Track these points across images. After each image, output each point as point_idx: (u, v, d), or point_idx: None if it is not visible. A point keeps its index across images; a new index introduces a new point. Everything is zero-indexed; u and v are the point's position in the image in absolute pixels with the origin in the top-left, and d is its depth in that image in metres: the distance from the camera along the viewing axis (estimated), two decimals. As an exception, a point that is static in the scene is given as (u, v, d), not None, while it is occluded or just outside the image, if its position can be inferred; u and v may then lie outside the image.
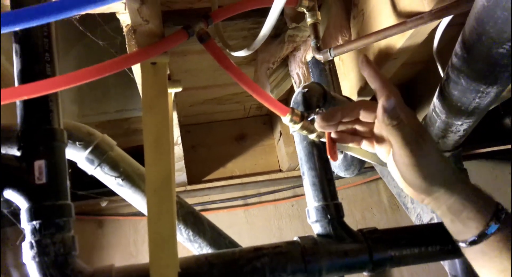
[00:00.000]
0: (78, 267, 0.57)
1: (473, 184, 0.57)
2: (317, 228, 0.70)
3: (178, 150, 1.33)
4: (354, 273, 0.68)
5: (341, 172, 0.98)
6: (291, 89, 1.27)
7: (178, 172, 1.51)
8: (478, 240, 0.53)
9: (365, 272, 0.69)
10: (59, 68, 0.63)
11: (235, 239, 0.94)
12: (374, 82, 0.56)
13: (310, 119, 0.67)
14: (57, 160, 0.58)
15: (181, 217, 0.84)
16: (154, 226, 0.60)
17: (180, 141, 1.28)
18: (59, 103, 0.61)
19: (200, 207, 1.79)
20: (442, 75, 0.66)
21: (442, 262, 0.89)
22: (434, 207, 0.57)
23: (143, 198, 0.82)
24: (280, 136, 1.74)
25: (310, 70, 1.03)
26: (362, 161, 0.90)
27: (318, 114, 0.64)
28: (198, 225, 0.87)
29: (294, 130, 0.69)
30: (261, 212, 1.87)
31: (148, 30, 0.65)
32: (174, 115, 1.09)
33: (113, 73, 0.55)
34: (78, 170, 0.80)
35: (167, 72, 0.68)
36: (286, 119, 0.67)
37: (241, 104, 1.68)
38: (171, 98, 0.76)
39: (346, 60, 1.07)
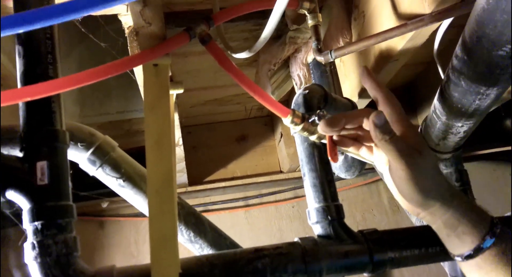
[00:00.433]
0: (80, 268, 0.58)
1: (468, 199, 0.58)
2: (317, 229, 0.70)
3: (179, 151, 1.33)
4: (354, 274, 0.68)
5: (341, 174, 0.98)
6: (292, 90, 1.28)
7: (179, 173, 1.51)
8: (474, 255, 0.53)
9: (365, 273, 0.69)
10: (61, 69, 0.63)
11: (236, 240, 0.94)
12: (376, 95, 0.57)
13: (311, 121, 0.67)
14: (59, 161, 0.59)
15: (182, 218, 0.85)
16: (155, 227, 0.60)
17: (181, 142, 1.28)
18: (61, 105, 0.61)
19: (201, 208, 1.79)
20: (442, 77, 0.66)
21: (442, 263, 0.89)
22: (430, 222, 0.57)
23: (144, 199, 0.82)
24: (281, 137, 1.74)
25: (311, 71, 1.03)
26: (363, 162, 0.90)
27: (319, 116, 0.65)
28: (199, 226, 0.87)
29: (295, 131, 0.70)
30: (262, 213, 1.87)
31: (150, 32, 0.66)
32: (176, 116, 1.09)
33: (115, 75, 0.55)
34: (80, 171, 0.80)
35: (169, 73, 0.69)
36: (287, 121, 0.67)
37: (242, 105, 1.68)
38: (173, 99, 0.76)
39: (347, 61, 1.07)
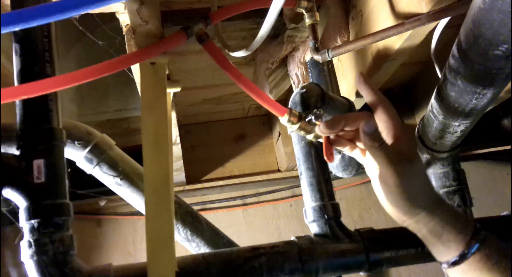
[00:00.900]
0: (76, 266, 0.58)
1: (451, 207, 0.59)
2: (314, 228, 0.70)
3: (177, 150, 1.33)
4: (350, 273, 0.68)
5: (339, 173, 0.98)
6: (290, 89, 1.28)
7: (177, 172, 1.51)
8: (459, 261, 0.54)
9: (361, 272, 0.69)
10: (59, 67, 0.63)
11: (234, 239, 0.94)
12: (372, 101, 0.58)
13: (307, 120, 0.67)
14: (56, 159, 0.59)
15: (179, 216, 0.85)
16: (152, 225, 0.60)
17: (179, 140, 1.28)
18: (59, 103, 0.61)
19: (198, 207, 1.79)
20: (439, 76, 0.67)
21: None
22: (415, 230, 0.58)
23: (142, 198, 0.82)
24: (279, 136, 1.74)
25: (309, 70, 1.03)
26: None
27: (316, 115, 0.65)
28: (196, 224, 0.87)
29: (292, 130, 0.70)
30: (259, 212, 1.87)
31: (147, 30, 0.66)
32: (173, 115, 1.09)
33: (112, 73, 0.55)
34: (77, 169, 0.80)
35: (166, 72, 0.69)
36: (284, 120, 0.67)
37: (240, 104, 1.68)
38: (170, 98, 0.76)
39: (345, 61, 1.07)
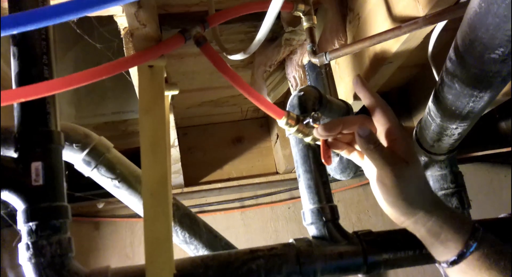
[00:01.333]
0: (74, 269, 0.58)
1: (449, 207, 0.59)
2: (312, 230, 0.70)
3: (175, 152, 1.33)
4: (349, 275, 0.68)
5: (337, 175, 0.98)
6: (288, 92, 1.28)
7: (175, 174, 1.51)
8: (458, 260, 0.54)
9: (359, 274, 0.69)
10: (57, 70, 0.63)
11: (232, 241, 0.94)
12: (370, 104, 0.59)
13: (305, 123, 0.67)
14: (54, 162, 0.59)
15: (177, 219, 0.85)
16: (150, 228, 0.60)
17: (177, 143, 1.28)
18: (56, 105, 0.61)
19: (197, 209, 1.79)
20: (437, 79, 0.67)
21: (437, 264, 0.90)
22: (414, 230, 0.58)
23: (140, 200, 0.82)
24: (277, 138, 1.75)
25: (307, 73, 1.03)
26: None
27: (314, 118, 0.65)
28: (194, 227, 0.87)
29: (289, 133, 0.70)
30: (257, 214, 1.87)
31: (145, 34, 0.66)
32: (171, 118, 1.09)
33: (110, 76, 0.55)
34: (75, 172, 0.80)
35: (164, 75, 0.69)
36: (281, 122, 0.67)
37: (238, 106, 1.68)
38: (168, 100, 0.77)
39: (342, 64, 1.08)
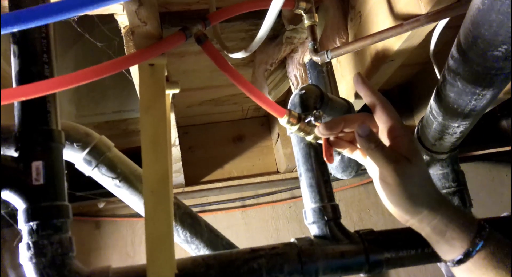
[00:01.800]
0: (75, 268, 0.57)
1: (455, 205, 0.59)
2: (314, 230, 0.70)
3: (175, 152, 1.32)
4: (350, 274, 0.68)
5: (338, 174, 0.98)
6: (289, 90, 1.27)
7: (176, 174, 1.51)
8: (464, 259, 0.54)
9: (361, 274, 0.69)
10: (57, 69, 0.63)
11: (233, 240, 0.94)
12: (371, 102, 0.58)
13: (307, 121, 0.67)
14: (54, 161, 0.58)
15: (178, 218, 0.84)
16: (151, 227, 0.60)
17: (177, 142, 1.28)
18: (57, 104, 0.61)
19: (197, 209, 1.79)
20: (439, 77, 0.67)
21: (438, 263, 0.90)
22: (419, 229, 0.58)
23: (140, 199, 0.82)
24: (278, 137, 1.74)
25: (308, 71, 1.03)
26: (359, 163, 0.90)
27: (315, 116, 0.65)
28: (195, 226, 0.87)
29: (291, 131, 0.69)
30: (258, 214, 1.87)
31: (146, 31, 0.65)
32: (172, 116, 1.09)
33: (111, 74, 0.55)
34: (75, 171, 0.80)
35: (165, 73, 0.68)
36: (283, 121, 0.67)
37: (239, 105, 1.68)
38: (169, 99, 0.76)
39: (344, 62, 1.07)
